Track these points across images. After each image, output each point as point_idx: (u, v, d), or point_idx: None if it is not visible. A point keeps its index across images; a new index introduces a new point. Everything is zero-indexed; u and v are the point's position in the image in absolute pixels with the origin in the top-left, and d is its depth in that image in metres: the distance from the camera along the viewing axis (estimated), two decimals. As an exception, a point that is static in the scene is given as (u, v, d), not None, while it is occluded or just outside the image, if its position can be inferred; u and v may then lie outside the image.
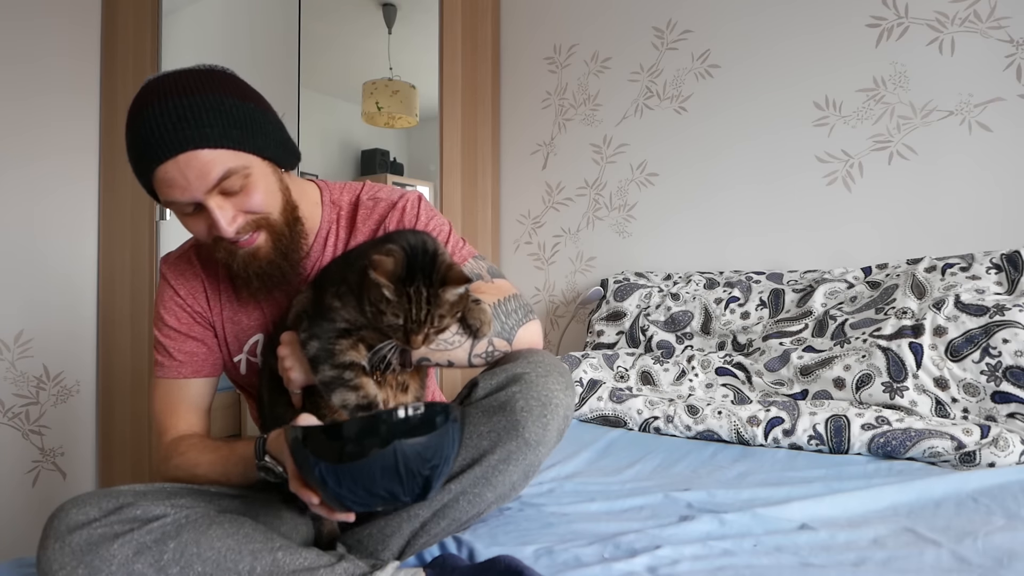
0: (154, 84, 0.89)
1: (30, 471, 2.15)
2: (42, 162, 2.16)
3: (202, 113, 0.85)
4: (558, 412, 0.87)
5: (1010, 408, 1.30)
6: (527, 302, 1.03)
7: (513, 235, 2.50)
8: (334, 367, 0.83)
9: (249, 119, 0.90)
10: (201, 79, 0.89)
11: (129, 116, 0.90)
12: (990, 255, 1.52)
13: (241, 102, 0.90)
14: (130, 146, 0.89)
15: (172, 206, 0.90)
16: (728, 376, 1.64)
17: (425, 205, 1.08)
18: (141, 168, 0.88)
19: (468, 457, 0.86)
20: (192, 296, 1.04)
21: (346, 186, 1.11)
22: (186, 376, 1.03)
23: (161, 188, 0.88)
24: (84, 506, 0.80)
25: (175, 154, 0.84)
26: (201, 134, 0.85)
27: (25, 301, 2.13)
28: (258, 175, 0.90)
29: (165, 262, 1.07)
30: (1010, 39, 1.65)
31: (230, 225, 0.89)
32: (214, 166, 0.86)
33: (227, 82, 0.91)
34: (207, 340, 1.04)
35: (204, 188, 0.86)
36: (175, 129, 0.84)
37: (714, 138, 2.08)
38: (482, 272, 1.05)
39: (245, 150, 0.89)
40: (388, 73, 2.45)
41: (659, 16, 2.17)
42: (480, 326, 0.90)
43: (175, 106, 0.85)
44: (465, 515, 0.88)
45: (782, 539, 0.88)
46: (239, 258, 0.93)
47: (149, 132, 0.85)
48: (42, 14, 2.15)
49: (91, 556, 0.77)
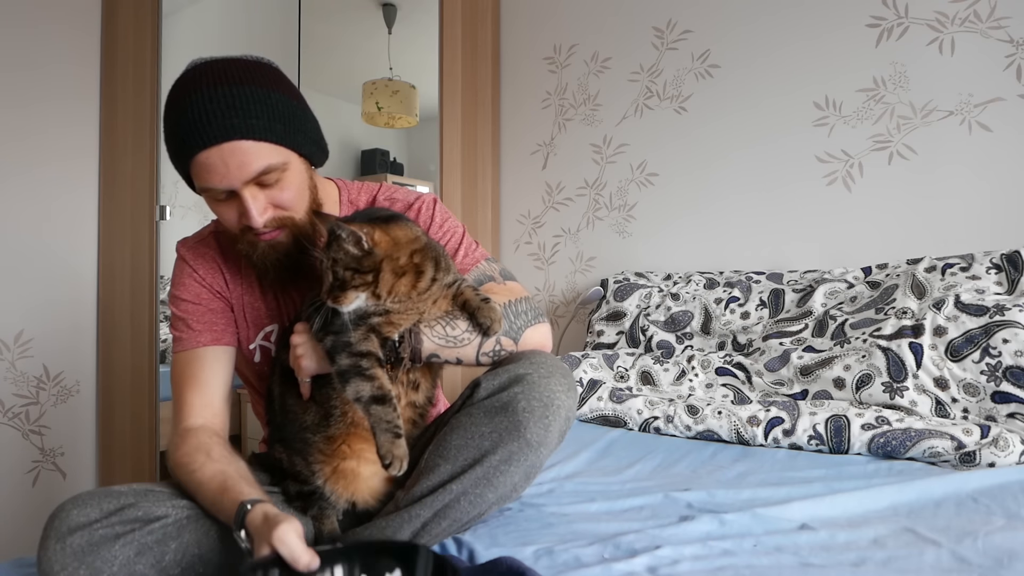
0: (203, 69, 0.90)
1: (30, 471, 2.15)
2: (43, 168, 2.17)
3: (250, 105, 0.87)
4: (560, 413, 0.87)
5: (1010, 408, 1.30)
6: (538, 305, 1.04)
7: (513, 235, 2.50)
8: (351, 355, 0.84)
9: (292, 115, 0.92)
10: (251, 71, 0.90)
11: (174, 97, 0.90)
12: (990, 255, 1.52)
13: (286, 98, 0.92)
14: (174, 127, 0.89)
15: (206, 191, 0.92)
16: (728, 376, 1.64)
17: (440, 208, 1.10)
18: (183, 151, 0.89)
19: (469, 457, 0.86)
20: (211, 275, 1.05)
21: (364, 186, 1.13)
22: (206, 344, 1.01)
23: (199, 172, 0.89)
24: (84, 506, 0.80)
25: (220, 142, 0.86)
26: (248, 125, 0.86)
27: (25, 301, 2.13)
28: (294, 172, 0.93)
29: (183, 244, 1.08)
30: (1010, 39, 1.65)
31: (260, 216, 0.90)
32: (256, 158, 0.87)
33: (274, 76, 0.93)
34: (225, 314, 1.05)
35: (243, 178, 0.88)
36: (223, 117, 0.86)
37: (714, 139, 2.08)
38: (494, 274, 1.06)
39: (286, 146, 0.91)
40: (388, 73, 2.45)
41: (659, 16, 2.17)
42: (491, 324, 0.91)
43: (224, 95, 0.86)
44: (466, 516, 0.88)
45: (782, 539, 0.88)
46: (260, 249, 0.95)
47: (197, 117, 0.86)
48: (43, 21, 2.15)
49: (92, 557, 0.77)
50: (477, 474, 0.86)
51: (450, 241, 1.07)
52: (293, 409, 0.95)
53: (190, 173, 0.91)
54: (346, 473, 0.93)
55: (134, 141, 2.22)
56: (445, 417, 0.95)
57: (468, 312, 0.92)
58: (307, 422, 0.94)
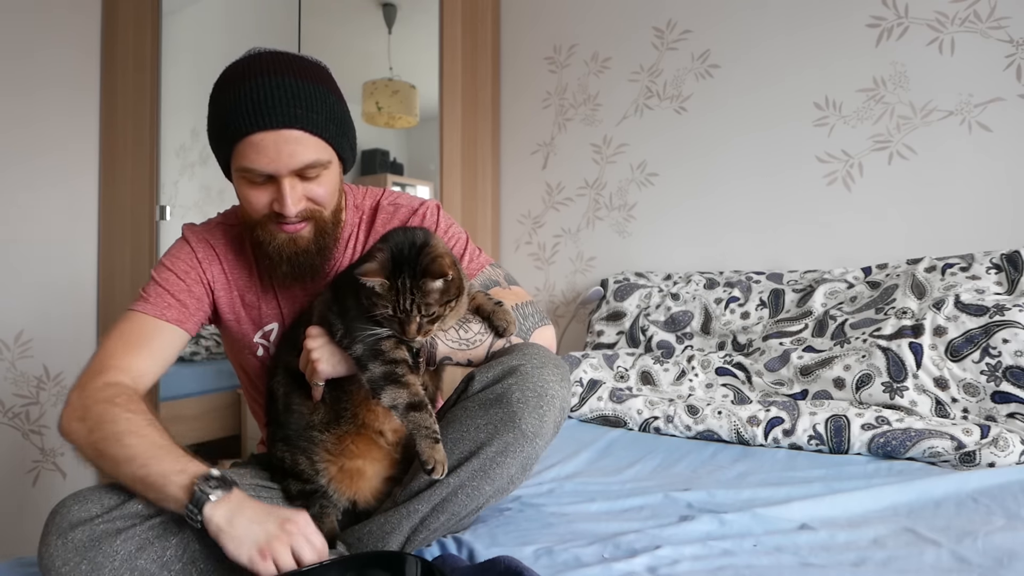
0: (268, 57, 0.92)
1: (30, 471, 2.15)
2: (44, 170, 2.16)
3: (313, 100, 0.90)
4: (554, 404, 0.87)
5: (1010, 408, 1.30)
6: (542, 308, 1.06)
7: (513, 235, 2.50)
8: (385, 363, 0.85)
9: (343, 119, 0.96)
10: (312, 69, 0.94)
11: (234, 76, 0.91)
12: (990, 255, 1.52)
13: (340, 102, 0.96)
14: (232, 103, 0.89)
15: (244, 172, 0.92)
16: (728, 376, 1.64)
17: (444, 214, 1.12)
18: (237, 128, 0.89)
19: (465, 450, 0.87)
20: (207, 261, 1.05)
21: (368, 191, 1.14)
22: (169, 320, 0.98)
23: (246, 152, 0.90)
24: (85, 502, 0.80)
25: (279, 127, 0.88)
26: (309, 119, 0.90)
27: (26, 301, 2.13)
28: (333, 171, 0.96)
29: (189, 228, 1.08)
30: (1010, 39, 1.65)
31: (295, 206, 0.92)
32: (307, 150, 0.90)
33: (330, 80, 0.97)
34: (200, 307, 1.03)
35: (291, 167, 0.90)
36: (288, 105, 0.88)
37: (714, 138, 2.08)
38: (499, 279, 1.08)
39: (334, 146, 0.94)
40: (388, 73, 2.45)
41: (659, 16, 2.17)
42: (507, 326, 0.94)
43: (290, 84, 0.89)
44: (464, 509, 0.89)
45: (782, 539, 0.88)
46: (278, 240, 0.96)
47: (261, 98, 0.88)
48: (41, 36, 2.15)
49: (94, 552, 0.77)
50: (474, 466, 0.86)
51: (455, 247, 1.08)
52: (299, 408, 0.95)
53: (231, 152, 0.92)
54: (352, 472, 0.94)
55: (134, 141, 2.22)
56: (441, 412, 0.96)
57: (483, 316, 0.95)
58: (314, 421, 0.94)
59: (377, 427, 0.94)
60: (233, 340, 1.10)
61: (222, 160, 0.96)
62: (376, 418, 0.93)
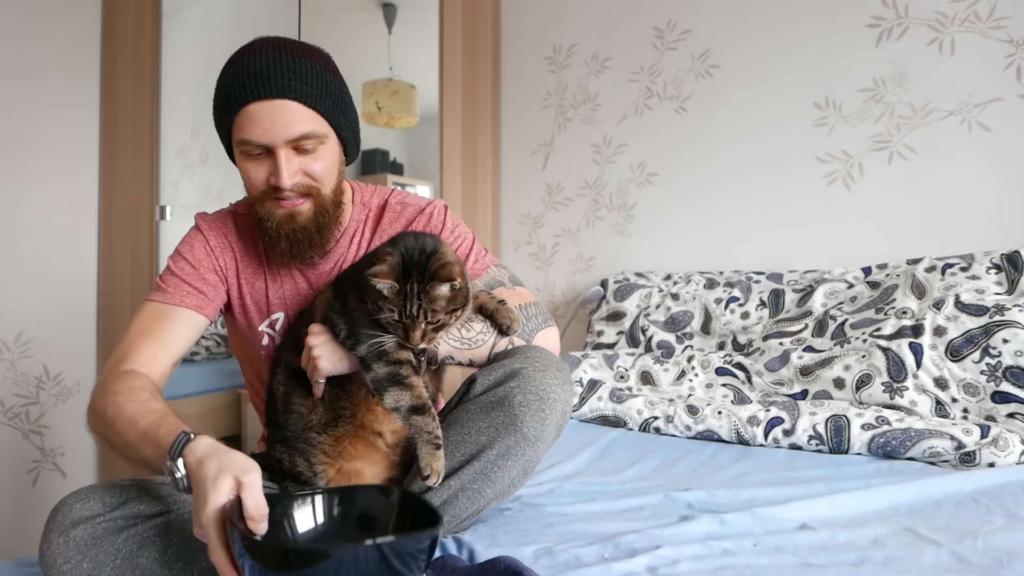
0: (269, 40, 0.96)
1: (30, 471, 2.15)
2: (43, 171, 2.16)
3: (308, 75, 0.94)
4: (556, 407, 0.87)
5: (1010, 408, 1.30)
6: (546, 310, 1.06)
7: (513, 235, 2.50)
8: (389, 363, 0.86)
9: (341, 97, 0.99)
10: (311, 51, 0.98)
11: (237, 55, 0.96)
12: (990, 255, 1.52)
13: (338, 82, 0.99)
14: (232, 77, 0.93)
15: (244, 144, 0.95)
16: (728, 376, 1.64)
17: (451, 214, 1.12)
18: (236, 98, 0.92)
19: (467, 453, 0.87)
20: (220, 249, 1.07)
21: (376, 189, 1.15)
22: (187, 307, 1.01)
23: (243, 123, 0.92)
24: (87, 500, 0.80)
25: (274, 97, 0.91)
26: (303, 90, 0.92)
27: (25, 301, 2.13)
28: (330, 147, 0.98)
29: (202, 216, 1.10)
30: (1010, 39, 1.65)
31: (290, 178, 0.94)
32: (301, 121, 0.93)
33: (330, 63, 1.00)
34: (217, 294, 1.05)
35: (285, 137, 0.92)
36: (282, 77, 0.91)
37: (714, 138, 2.08)
38: (504, 280, 1.08)
39: (329, 121, 0.97)
40: (388, 73, 2.45)
41: (659, 16, 2.17)
42: (510, 324, 0.94)
43: (287, 60, 0.93)
44: (464, 512, 0.89)
45: (782, 539, 0.88)
46: (277, 216, 0.97)
47: (257, 71, 0.91)
48: (42, 25, 2.14)
49: (95, 550, 0.77)
50: (475, 469, 0.86)
51: (460, 247, 1.08)
52: (298, 409, 0.95)
53: (233, 125, 0.94)
54: (350, 474, 0.93)
55: (134, 141, 2.22)
56: (442, 414, 0.96)
57: (486, 314, 0.95)
58: (313, 422, 0.94)
59: (376, 428, 0.94)
60: (240, 329, 1.11)
61: (225, 138, 0.99)
62: (376, 419, 0.93)
